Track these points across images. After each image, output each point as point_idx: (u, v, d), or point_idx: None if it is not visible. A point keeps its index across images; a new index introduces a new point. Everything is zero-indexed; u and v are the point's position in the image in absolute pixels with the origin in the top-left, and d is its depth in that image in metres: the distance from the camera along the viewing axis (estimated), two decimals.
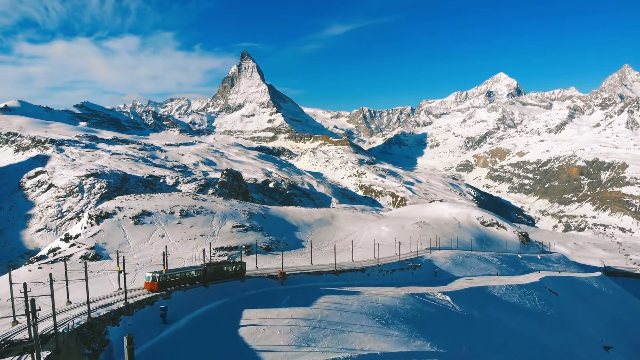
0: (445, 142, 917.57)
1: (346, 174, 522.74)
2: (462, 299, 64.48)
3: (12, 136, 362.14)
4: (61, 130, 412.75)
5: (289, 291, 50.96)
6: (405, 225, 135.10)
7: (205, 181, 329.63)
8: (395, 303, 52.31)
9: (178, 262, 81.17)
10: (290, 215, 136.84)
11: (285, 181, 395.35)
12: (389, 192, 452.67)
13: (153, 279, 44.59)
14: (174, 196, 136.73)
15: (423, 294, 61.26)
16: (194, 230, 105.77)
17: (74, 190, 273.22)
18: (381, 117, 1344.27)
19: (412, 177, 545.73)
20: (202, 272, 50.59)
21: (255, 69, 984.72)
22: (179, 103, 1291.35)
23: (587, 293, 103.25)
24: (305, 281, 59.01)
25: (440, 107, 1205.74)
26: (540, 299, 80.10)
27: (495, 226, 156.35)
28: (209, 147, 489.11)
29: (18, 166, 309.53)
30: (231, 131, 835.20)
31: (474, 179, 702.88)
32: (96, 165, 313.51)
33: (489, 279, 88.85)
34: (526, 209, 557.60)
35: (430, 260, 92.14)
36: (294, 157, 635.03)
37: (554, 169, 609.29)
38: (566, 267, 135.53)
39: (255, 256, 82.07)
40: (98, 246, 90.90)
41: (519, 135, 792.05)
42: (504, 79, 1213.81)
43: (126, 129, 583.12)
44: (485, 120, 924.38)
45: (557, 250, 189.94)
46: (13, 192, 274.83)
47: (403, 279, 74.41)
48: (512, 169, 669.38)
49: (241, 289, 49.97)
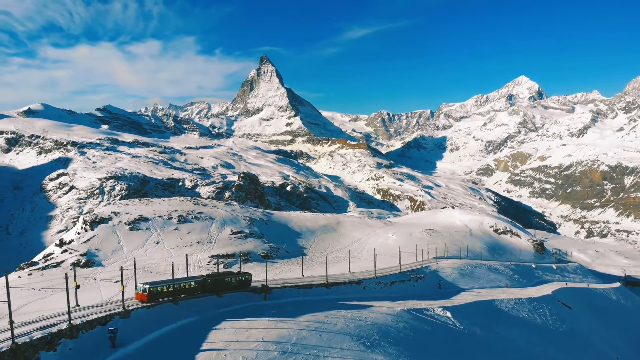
0: (465, 146, 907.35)
1: (364, 177, 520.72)
2: (464, 314, 60.40)
3: (35, 139, 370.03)
4: (83, 133, 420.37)
5: (271, 307, 47.66)
6: (414, 233, 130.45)
7: (223, 184, 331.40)
8: (386, 321, 47.99)
9: (171, 270, 78.69)
10: (294, 221, 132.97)
11: (303, 184, 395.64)
12: (407, 196, 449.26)
13: (143, 290, 41.78)
14: (174, 201, 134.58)
15: (421, 310, 56.87)
16: (191, 236, 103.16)
17: (94, 192, 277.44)
18: (400, 121, 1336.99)
19: (431, 181, 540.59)
20: (201, 283, 47.85)
21: (274, 73, 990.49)
22: (200, 107, 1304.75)
23: (604, 306, 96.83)
24: (293, 295, 55.33)
25: (460, 110, 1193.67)
26: (552, 314, 75.12)
27: (508, 234, 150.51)
28: (227, 150, 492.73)
29: (40, 168, 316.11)
30: (250, 134, 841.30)
31: (494, 183, 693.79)
32: (117, 167, 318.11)
33: (497, 291, 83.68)
34: (547, 215, 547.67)
35: (435, 271, 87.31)
36: (312, 160, 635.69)
37: (576, 173, 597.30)
38: (583, 277, 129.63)
39: (251, 265, 79.63)
40: (90, 252, 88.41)
41: (541, 139, 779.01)
42: (525, 82, 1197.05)
43: (147, 132, 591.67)
44: (506, 123, 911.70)
45: (576, 258, 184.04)
46: (35, 193, 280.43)
47: (403, 292, 69.98)
48: (533, 174, 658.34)
49: (217, 305, 46.03)
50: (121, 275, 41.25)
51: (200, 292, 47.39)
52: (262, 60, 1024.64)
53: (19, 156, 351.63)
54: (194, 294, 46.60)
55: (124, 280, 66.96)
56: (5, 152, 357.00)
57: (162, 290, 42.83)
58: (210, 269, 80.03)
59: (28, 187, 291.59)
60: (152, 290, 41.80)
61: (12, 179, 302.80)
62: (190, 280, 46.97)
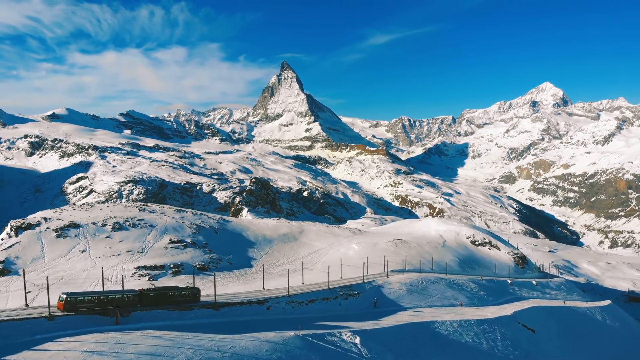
0: (488, 153, 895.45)
1: (382, 183, 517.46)
2: (382, 339, 51.43)
3: (58, 142, 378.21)
4: (106, 137, 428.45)
5: (123, 331, 39.83)
6: (379, 243, 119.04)
7: (240, 189, 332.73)
8: (258, 351, 38.56)
9: (91, 281, 72.80)
10: (252, 229, 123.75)
11: (320, 190, 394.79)
12: (426, 203, 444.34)
13: (61, 299, 41.42)
14: (118, 207, 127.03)
15: (322, 335, 47.00)
16: (122, 245, 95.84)
17: (113, 196, 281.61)
18: (421, 127, 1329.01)
19: (451, 189, 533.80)
20: (137, 297, 45.64)
21: (294, 79, 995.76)
22: (221, 112, 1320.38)
23: (581, 328, 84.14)
24: (162, 318, 45.58)
25: (482, 116, 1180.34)
26: (505, 338, 64.85)
27: (487, 246, 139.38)
28: (246, 156, 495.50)
29: (62, 172, 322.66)
30: (269, 140, 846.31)
31: (516, 191, 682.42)
32: (136, 171, 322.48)
33: (445, 310, 73.82)
34: (571, 224, 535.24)
35: (378, 287, 76.87)
36: (330, 166, 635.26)
37: (600, 182, 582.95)
38: (567, 294, 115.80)
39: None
40: (9, 260, 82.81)
41: (564, 146, 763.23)
42: (549, 89, 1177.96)
43: (169, 137, 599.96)
44: (530, 130, 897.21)
45: (585, 271, 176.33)
46: (56, 196, 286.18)
47: (321, 312, 60.83)
48: (556, 182, 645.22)
49: (40, 330, 37.36)
50: (23, 282, 40.99)
51: (139, 306, 45.65)
52: (282, 66, 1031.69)
53: (41, 159, 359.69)
54: (130, 307, 44.71)
55: (37, 291, 64.79)
56: (29, 156, 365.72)
57: (82, 300, 42.01)
58: (135, 281, 76.98)
59: (49, 190, 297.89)
60: (70, 300, 41.32)
61: (34, 182, 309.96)
62: (124, 293, 45.51)
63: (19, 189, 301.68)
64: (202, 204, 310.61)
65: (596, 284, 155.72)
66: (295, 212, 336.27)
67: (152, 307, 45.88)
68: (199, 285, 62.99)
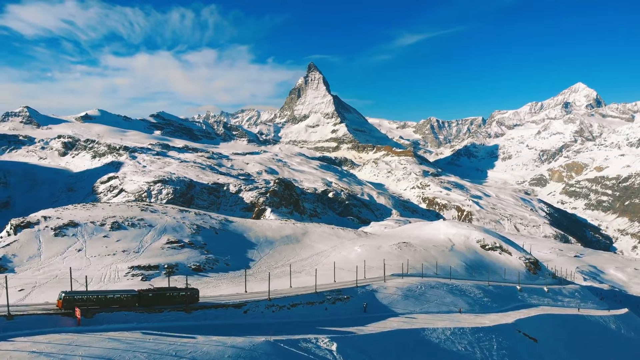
0: (518, 155, 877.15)
1: (409, 185, 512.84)
2: (363, 346, 48.27)
3: (90, 143, 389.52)
4: (136, 138, 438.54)
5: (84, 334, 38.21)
6: (383, 246, 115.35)
7: (265, 189, 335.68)
8: (222, 357, 36.59)
9: (84, 280, 70.90)
10: (254, 230, 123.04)
11: (345, 191, 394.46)
12: (454, 206, 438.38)
13: (60, 298, 42.38)
14: (120, 206, 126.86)
15: (297, 341, 44.19)
16: (119, 244, 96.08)
17: (142, 196, 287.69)
18: (450, 128, 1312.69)
19: (480, 191, 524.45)
20: (136, 297, 46.05)
21: (321, 80, 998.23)
22: (250, 114, 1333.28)
23: (593, 338, 79.31)
24: (128, 320, 43.80)
25: (513, 118, 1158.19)
26: (501, 347, 60.53)
27: (497, 250, 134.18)
28: (273, 157, 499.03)
29: (93, 171, 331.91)
30: (296, 141, 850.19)
31: (547, 194, 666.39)
32: (165, 172, 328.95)
33: (440, 317, 69.49)
34: (604, 228, 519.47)
35: (372, 292, 73.11)
36: (356, 167, 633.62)
37: (635, 185, 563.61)
38: (581, 301, 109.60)
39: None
40: (5, 258, 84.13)
41: (598, 148, 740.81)
42: (582, 89, 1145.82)
43: (198, 138, 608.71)
44: (562, 132, 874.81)
45: (612, 277, 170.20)
46: (87, 195, 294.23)
47: (304, 317, 57.89)
48: (589, 185, 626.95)
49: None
50: (5, 284, 40.26)
51: (138, 306, 46.15)
52: (309, 68, 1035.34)
53: (74, 159, 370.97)
54: (129, 307, 45.21)
55: (30, 289, 64.57)
56: (62, 156, 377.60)
57: (80, 300, 42.79)
58: (128, 280, 76.79)
59: (81, 189, 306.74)
60: (68, 298, 42.21)
61: (66, 182, 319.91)
62: (123, 293, 46.21)
63: (52, 188, 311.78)
64: (229, 204, 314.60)
65: (620, 291, 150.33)
66: (319, 213, 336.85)
67: (151, 308, 46.46)
68: (193, 287, 61.97)
